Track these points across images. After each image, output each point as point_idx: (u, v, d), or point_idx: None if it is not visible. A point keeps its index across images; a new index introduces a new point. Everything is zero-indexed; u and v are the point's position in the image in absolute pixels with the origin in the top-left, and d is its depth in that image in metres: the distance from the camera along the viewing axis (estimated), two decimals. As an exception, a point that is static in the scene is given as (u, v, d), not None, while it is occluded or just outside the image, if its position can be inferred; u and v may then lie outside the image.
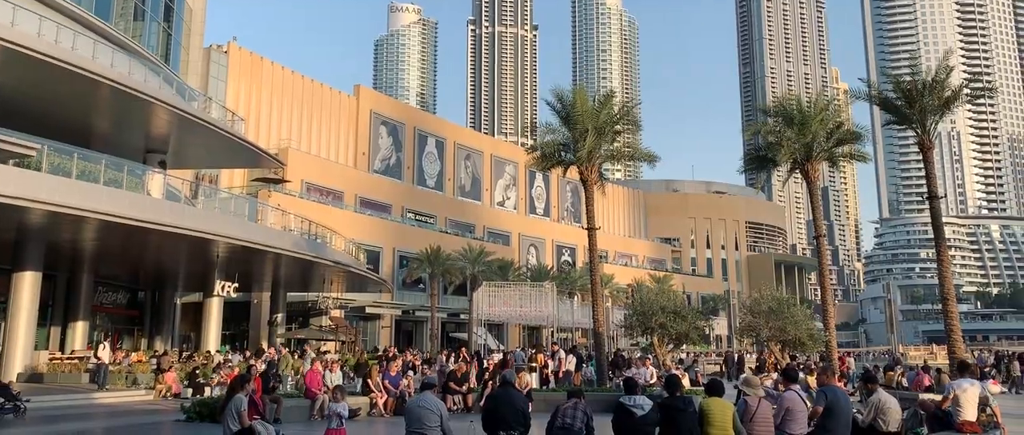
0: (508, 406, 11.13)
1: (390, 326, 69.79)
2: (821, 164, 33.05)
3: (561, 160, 30.62)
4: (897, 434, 11.52)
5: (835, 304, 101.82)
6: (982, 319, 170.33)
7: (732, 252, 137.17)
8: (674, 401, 10.14)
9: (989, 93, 35.03)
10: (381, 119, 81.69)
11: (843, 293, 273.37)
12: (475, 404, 20.35)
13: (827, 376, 11.08)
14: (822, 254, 33.34)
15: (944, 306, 27.30)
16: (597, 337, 28.66)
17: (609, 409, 11.46)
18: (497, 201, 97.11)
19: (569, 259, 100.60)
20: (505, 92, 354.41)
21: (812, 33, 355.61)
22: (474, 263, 63.76)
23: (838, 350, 34.70)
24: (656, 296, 34.12)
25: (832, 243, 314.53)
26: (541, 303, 39.59)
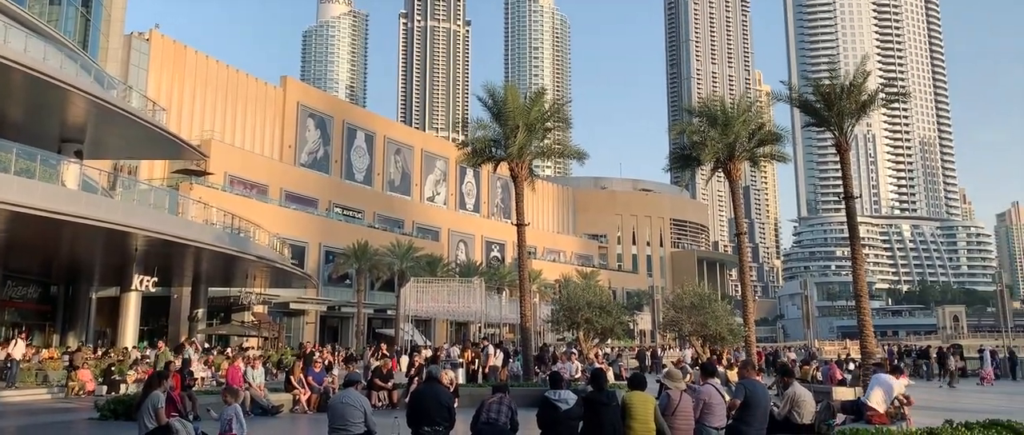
0: (433, 402, 11.11)
1: (315, 322, 68.80)
2: (743, 164, 33.84)
3: (492, 156, 30.67)
4: (811, 426, 11.94)
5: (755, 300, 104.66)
6: (892, 315, 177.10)
7: (657, 248, 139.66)
8: (598, 395, 10.28)
9: (903, 98, 36.35)
10: (309, 112, 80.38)
11: (763, 289, 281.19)
12: (401, 400, 20.25)
13: (747, 370, 11.40)
14: (743, 251, 34.22)
15: (857, 303, 28.30)
16: (524, 332, 28.82)
17: (535, 403, 11.54)
18: (427, 196, 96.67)
19: (498, 255, 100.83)
20: (437, 87, 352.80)
21: (737, 36, 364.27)
22: (402, 259, 63.32)
23: (757, 345, 35.69)
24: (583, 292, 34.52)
25: (752, 241, 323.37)
26: (469, 299, 39.60)
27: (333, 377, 22.62)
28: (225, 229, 38.46)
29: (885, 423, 12.19)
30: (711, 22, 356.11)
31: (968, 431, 9.73)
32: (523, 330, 29.03)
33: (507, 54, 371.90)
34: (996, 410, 19.16)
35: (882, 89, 31.35)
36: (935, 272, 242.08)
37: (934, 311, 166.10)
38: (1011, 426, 10.42)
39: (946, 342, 71.32)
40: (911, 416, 14.32)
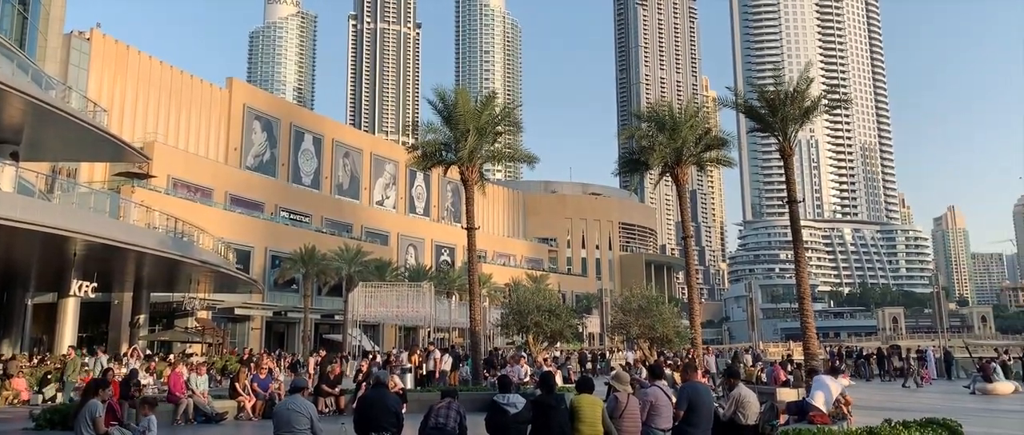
0: (380, 407, 11.01)
1: (260, 328, 67.76)
2: (690, 168, 34.33)
3: (442, 160, 30.56)
4: (755, 427, 12.11)
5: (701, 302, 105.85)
6: (834, 317, 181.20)
7: (606, 252, 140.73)
8: (547, 398, 10.29)
9: (845, 104, 37.39)
10: (255, 114, 79.16)
11: (709, 292, 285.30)
12: (348, 406, 20.03)
13: (690, 373, 11.53)
14: (689, 254, 34.68)
15: (800, 305, 28.89)
16: (474, 336, 28.76)
17: (484, 408, 11.53)
18: (376, 200, 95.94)
19: (448, 259, 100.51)
20: (387, 90, 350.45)
21: (685, 42, 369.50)
22: (350, 263, 62.70)
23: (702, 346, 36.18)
24: (532, 295, 34.61)
25: (699, 244, 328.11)
26: (418, 303, 39.37)
27: (279, 383, 22.28)
28: (168, 233, 37.67)
29: (827, 423, 12.45)
30: (660, 28, 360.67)
31: (906, 430, 9.98)
32: (473, 334, 28.96)
33: (458, 57, 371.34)
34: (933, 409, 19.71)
35: (825, 95, 32.13)
36: (875, 275, 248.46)
37: (874, 313, 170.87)
38: (946, 424, 10.74)
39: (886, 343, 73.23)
40: (852, 416, 14.65)
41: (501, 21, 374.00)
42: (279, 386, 21.80)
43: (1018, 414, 22.11)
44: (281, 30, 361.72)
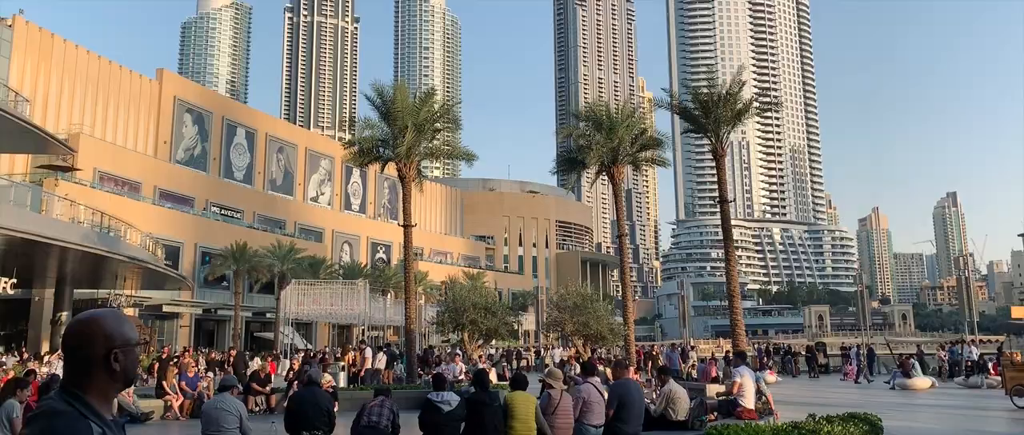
0: (312, 405, 10.90)
1: (189, 325, 66.18)
2: (626, 167, 34.83)
3: (379, 156, 30.29)
4: (685, 422, 12.36)
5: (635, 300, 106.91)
6: (763, 314, 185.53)
7: (543, 250, 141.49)
8: (481, 396, 10.33)
9: (775, 107, 38.17)
10: (186, 106, 77.19)
11: (642, 289, 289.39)
12: (279, 404, 19.73)
13: (621, 371, 11.69)
14: (624, 253, 35.13)
15: (730, 303, 29.54)
16: (409, 334, 28.61)
17: (419, 406, 11.49)
18: (311, 196, 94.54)
19: (384, 256, 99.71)
20: (323, 84, 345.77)
21: (622, 43, 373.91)
22: (283, 260, 61.72)
23: (636, 343, 36.69)
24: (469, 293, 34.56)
25: (634, 242, 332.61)
26: (353, 301, 38.89)
27: (208, 381, 21.81)
28: (93, 228, 36.49)
29: (754, 418, 12.75)
30: (598, 29, 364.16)
31: (829, 424, 10.29)
32: (408, 332, 28.81)
33: (396, 53, 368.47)
34: (855, 404, 20.38)
35: (756, 98, 32.93)
36: (802, 273, 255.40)
37: (801, 310, 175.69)
38: (867, 418, 11.13)
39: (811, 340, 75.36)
40: (778, 411, 15.05)
41: (441, 17, 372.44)
42: (209, 384, 21.35)
43: (934, 408, 23.00)
44: (214, 21, 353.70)
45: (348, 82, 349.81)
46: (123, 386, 2.61)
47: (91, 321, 2.55)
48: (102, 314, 2.61)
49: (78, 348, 2.52)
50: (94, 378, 2.50)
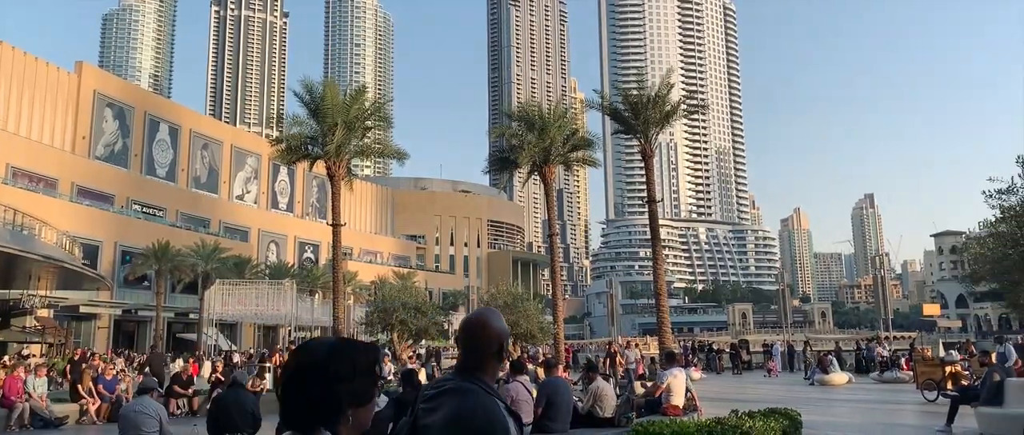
0: (236, 408, 10.66)
1: (108, 327, 64.08)
2: (558, 167, 35.14)
3: (308, 154, 29.87)
4: (612, 419, 12.51)
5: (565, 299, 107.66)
6: (689, 313, 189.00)
7: (474, 249, 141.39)
8: (409, 396, 10.25)
9: (702, 110, 39.13)
10: (106, 101, 74.61)
11: (572, 288, 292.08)
12: (202, 407, 19.26)
13: (549, 369, 11.77)
14: (555, 252, 35.41)
15: (657, 301, 30.11)
16: (336, 335, 28.27)
17: (344, 407, 11.32)
18: (236, 194, 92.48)
19: (312, 256, 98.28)
20: (251, 80, 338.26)
21: (555, 44, 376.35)
22: (207, 260, 60.30)
23: (566, 342, 37.03)
24: (399, 293, 34.32)
25: (564, 242, 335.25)
26: (279, 301, 38.26)
27: (127, 383, 21.14)
28: (5, 226, 34.99)
29: (679, 414, 12.99)
30: (531, 29, 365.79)
31: (750, 419, 10.52)
32: (336, 333, 28.47)
33: (327, 50, 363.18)
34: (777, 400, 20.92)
35: (684, 101, 33.67)
36: (727, 272, 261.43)
37: (725, 309, 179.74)
38: (787, 413, 11.44)
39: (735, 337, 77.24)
40: (702, 407, 15.36)
41: (373, 14, 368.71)
42: (127, 387, 20.70)
43: (851, 403, 23.83)
44: (137, 13, 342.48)
45: (277, 78, 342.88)
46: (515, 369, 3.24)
47: (483, 321, 3.16)
48: (490, 314, 3.23)
49: (476, 341, 3.09)
50: (487, 364, 3.09)
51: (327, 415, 2.18)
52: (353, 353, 2.27)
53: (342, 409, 2.19)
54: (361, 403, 2.25)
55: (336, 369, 2.21)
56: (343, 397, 2.20)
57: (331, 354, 2.24)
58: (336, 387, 2.20)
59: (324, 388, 2.19)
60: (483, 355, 3.07)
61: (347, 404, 2.21)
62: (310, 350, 2.27)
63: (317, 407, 2.19)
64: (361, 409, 2.25)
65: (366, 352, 2.30)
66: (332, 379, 2.20)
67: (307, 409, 2.19)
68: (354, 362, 2.25)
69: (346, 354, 2.26)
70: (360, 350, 2.30)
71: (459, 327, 3.18)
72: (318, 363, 2.21)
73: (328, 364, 2.21)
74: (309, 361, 2.22)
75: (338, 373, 2.20)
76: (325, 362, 2.21)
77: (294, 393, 2.21)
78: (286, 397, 2.22)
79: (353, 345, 2.33)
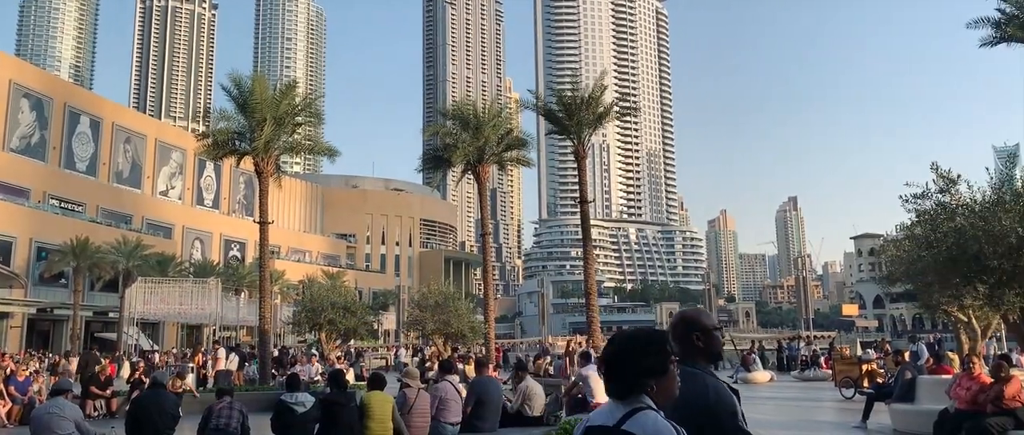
0: (156, 409, 10.38)
1: (21, 326, 61.54)
2: (492, 167, 35.15)
3: (235, 149, 29.12)
4: (540, 418, 12.60)
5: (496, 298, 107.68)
6: (618, 312, 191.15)
7: (406, 248, 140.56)
8: (336, 396, 10.16)
9: (634, 112, 39.69)
10: (23, 91, 71.64)
11: (504, 288, 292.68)
12: (121, 408, 18.67)
13: (480, 369, 11.79)
14: (487, 251, 35.43)
15: (587, 300, 30.39)
16: (262, 334, 27.75)
17: (271, 408, 11.17)
18: (160, 190, 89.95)
19: (238, 254, 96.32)
20: (177, 73, 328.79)
21: (491, 43, 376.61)
22: (129, 257, 58.50)
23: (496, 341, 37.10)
24: (327, 292, 33.84)
25: (497, 241, 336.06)
26: (204, 300, 37.36)
27: (40, 384, 20.35)
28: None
29: (606, 412, 13.17)
30: (467, 28, 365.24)
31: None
32: (261, 332, 27.93)
33: (257, 44, 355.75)
34: (701, 397, 21.29)
35: (617, 103, 34.09)
36: (655, 272, 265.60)
37: (654, 308, 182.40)
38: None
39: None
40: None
41: (305, 8, 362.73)
42: (41, 388, 19.92)
43: (773, 400, 24.49)
44: (57, 1, 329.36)
45: (204, 72, 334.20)
46: (711, 359, 3.75)
47: (680, 317, 3.83)
48: (690, 312, 3.93)
49: (680, 334, 3.70)
50: (697, 353, 3.62)
51: (639, 385, 3.01)
52: (647, 339, 3.11)
53: (647, 381, 3.02)
54: (659, 375, 3.04)
55: (637, 352, 3.06)
56: (646, 372, 3.02)
57: (631, 340, 3.10)
58: (641, 364, 3.03)
59: (631, 366, 3.04)
60: (690, 345, 3.65)
61: (650, 377, 3.02)
62: (618, 339, 3.17)
63: (631, 380, 3.02)
64: (663, 379, 3.05)
65: (656, 336, 3.14)
66: (636, 359, 3.04)
67: (625, 382, 3.03)
68: (641, 344, 3.08)
69: (642, 340, 3.09)
70: (652, 336, 3.13)
71: (673, 320, 3.89)
72: (623, 349, 3.09)
73: (631, 348, 3.07)
74: (618, 348, 3.11)
75: (639, 355, 3.05)
76: (628, 346, 3.09)
77: (615, 371, 3.07)
78: (609, 375, 3.08)
79: (647, 333, 3.17)
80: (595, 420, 3.08)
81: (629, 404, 2.99)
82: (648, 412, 2.96)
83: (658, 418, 2.95)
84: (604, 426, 3.00)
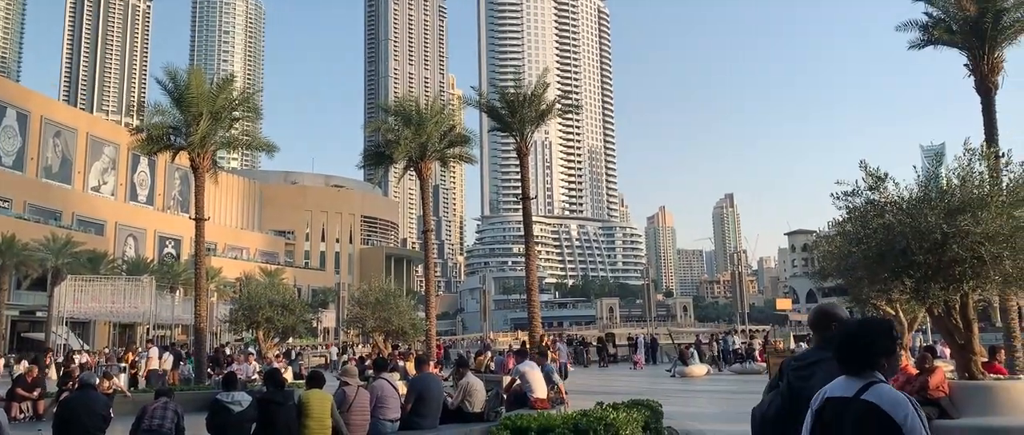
0: (86, 410, 10.11)
1: (-57, 326, 59.26)
2: (434, 163, 35.09)
3: (171, 144, 28.51)
4: (481, 414, 12.64)
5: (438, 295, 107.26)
6: (559, 307, 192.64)
7: (347, 245, 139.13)
8: (273, 395, 10.04)
9: (576, 109, 39.92)
10: (-58, 81, 68.85)
11: (446, 285, 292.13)
12: (49, 410, 18.10)
13: (421, 365, 11.77)
14: (429, 248, 35.33)
15: (528, 296, 30.58)
16: (198, 333, 27.23)
17: (207, 407, 10.98)
18: (92, 186, 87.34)
19: (173, 252, 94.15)
20: (110, 66, 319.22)
21: (434, 40, 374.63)
22: (58, 254, 56.77)
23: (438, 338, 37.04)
24: (265, 290, 33.32)
25: (439, 238, 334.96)
26: (137, 298, 36.46)
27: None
28: None
29: (546, 407, 13.26)
30: (410, 24, 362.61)
31: (615, 411, 10.87)
32: (197, 331, 27.41)
33: (194, 36, 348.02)
34: (640, 391, 21.70)
35: (559, 100, 34.33)
36: (596, 268, 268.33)
37: (594, 303, 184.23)
38: (649, 405, 11.89)
39: (602, 331, 79.41)
40: (569, 399, 15.75)
41: (244, 2, 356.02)
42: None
43: (709, 393, 25.01)
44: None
45: (138, 64, 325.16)
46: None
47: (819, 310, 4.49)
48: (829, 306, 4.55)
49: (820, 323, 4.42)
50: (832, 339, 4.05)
51: (874, 363, 3.54)
52: (881, 325, 3.67)
53: (880, 359, 3.55)
54: (889, 354, 3.58)
55: (875, 335, 3.60)
56: (881, 352, 3.55)
57: (867, 326, 3.67)
58: (877, 345, 3.56)
59: (869, 347, 3.56)
60: (829, 332, 4.20)
61: (883, 356, 3.56)
62: (853, 326, 3.72)
63: (869, 358, 3.55)
64: (891, 358, 3.58)
65: (887, 324, 3.69)
66: (873, 340, 3.57)
67: (863, 360, 3.55)
68: (875, 329, 3.63)
69: (878, 327, 3.65)
70: (883, 324, 3.70)
71: (811, 314, 4.46)
72: (860, 333, 3.62)
73: (868, 333, 3.61)
74: (856, 332, 3.63)
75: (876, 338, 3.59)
76: (865, 331, 3.62)
77: (852, 351, 3.59)
78: (846, 355, 3.60)
79: (879, 321, 3.74)
80: (834, 392, 3.59)
81: (864, 378, 3.51)
82: (882, 384, 3.49)
83: (892, 388, 3.47)
84: (844, 397, 3.52)
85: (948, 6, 23.86)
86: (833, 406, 3.54)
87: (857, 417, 3.41)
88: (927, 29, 24.53)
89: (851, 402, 3.45)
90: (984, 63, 23.19)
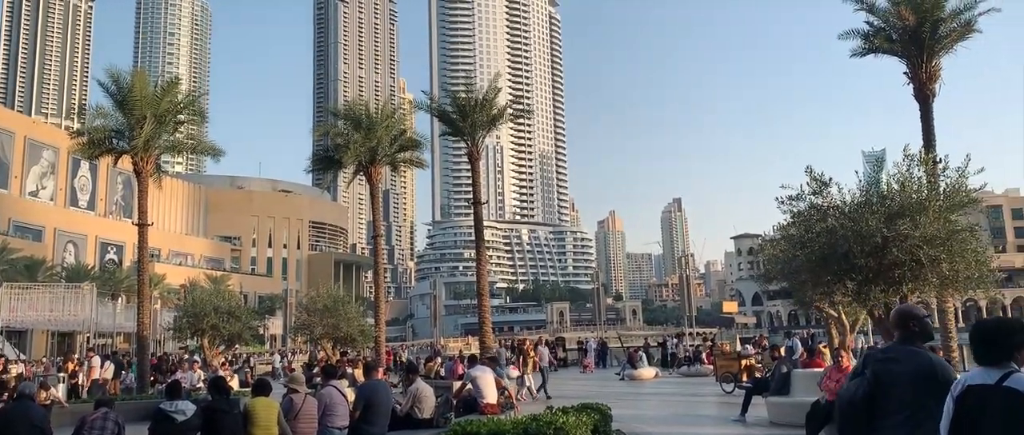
0: (22, 422, 9.79)
1: None
2: (384, 168, 34.84)
3: (113, 148, 27.90)
4: (430, 420, 12.59)
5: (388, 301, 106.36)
6: (510, 312, 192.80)
7: (294, 251, 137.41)
8: (218, 403, 9.87)
9: (527, 114, 40.16)
10: None
11: (396, 290, 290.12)
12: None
13: (370, 372, 11.67)
14: (378, 253, 35.09)
15: (479, 301, 30.54)
16: (141, 341, 26.62)
17: (150, 417, 10.73)
18: (30, 191, 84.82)
19: (115, 258, 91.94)
20: (49, 67, 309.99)
21: (384, 43, 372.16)
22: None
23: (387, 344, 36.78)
24: (210, 296, 32.72)
25: (389, 243, 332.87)
26: (77, 306, 35.49)
27: None
28: None
29: (496, 413, 13.25)
30: (360, 26, 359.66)
31: (564, 415, 10.91)
32: (140, 339, 26.80)
33: (137, 38, 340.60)
34: (589, 395, 21.83)
35: (510, 105, 34.40)
36: (547, 272, 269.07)
37: (545, 307, 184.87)
38: (599, 408, 11.96)
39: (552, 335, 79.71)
40: (519, 404, 15.78)
41: (189, 4, 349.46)
42: None
43: (658, 396, 25.25)
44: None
45: (79, 66, 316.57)
46: (925, 339, 4.84)
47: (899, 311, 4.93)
48: (903, 306, 5.08)
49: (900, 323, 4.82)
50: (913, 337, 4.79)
51: (1010, 355, 3.99)
52: (1010, 322, 4.14)
53: (1016, 351, 4.00)
54: (1021, 348, 4.00)
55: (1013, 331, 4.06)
56: (1018, 345, 4.01)
57: (1006, 323, 4.12)
58: (1014, 339, 4.01)
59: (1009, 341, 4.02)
60: (908, 330, 4.74)
61: (1020, 350, 4.01)
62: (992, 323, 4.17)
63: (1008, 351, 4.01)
64: (1021, 352, 3.99)
65: (1016, 321, 4.14)
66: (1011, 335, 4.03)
67: (1002, 353, 4.01)
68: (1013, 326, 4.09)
69: (1016, 324, 4.11)
70: (1014, 321, 4.16)
71: (893, 314, 4.94)
72: (1000, 329, 4.09)
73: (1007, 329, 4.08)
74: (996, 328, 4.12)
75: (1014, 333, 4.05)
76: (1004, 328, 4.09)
77: (991, 345, 4.05)
78: (985, 348, 4.08)
79: (1015, 320, 4.20)
80: (974, 380, 4.00)
81: (1003, 368, 3.95)
82: (1019, 373, 3.92)
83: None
84: (985, 384, 3.95)
85: (888, 16, 24.54)
86: (975, 393, 3.96)
87: (1003, 403, 3.86)
88: (868, 38, 25.21)
89: (994, 389, 3.91)
90: (922, 71, 23.91)
